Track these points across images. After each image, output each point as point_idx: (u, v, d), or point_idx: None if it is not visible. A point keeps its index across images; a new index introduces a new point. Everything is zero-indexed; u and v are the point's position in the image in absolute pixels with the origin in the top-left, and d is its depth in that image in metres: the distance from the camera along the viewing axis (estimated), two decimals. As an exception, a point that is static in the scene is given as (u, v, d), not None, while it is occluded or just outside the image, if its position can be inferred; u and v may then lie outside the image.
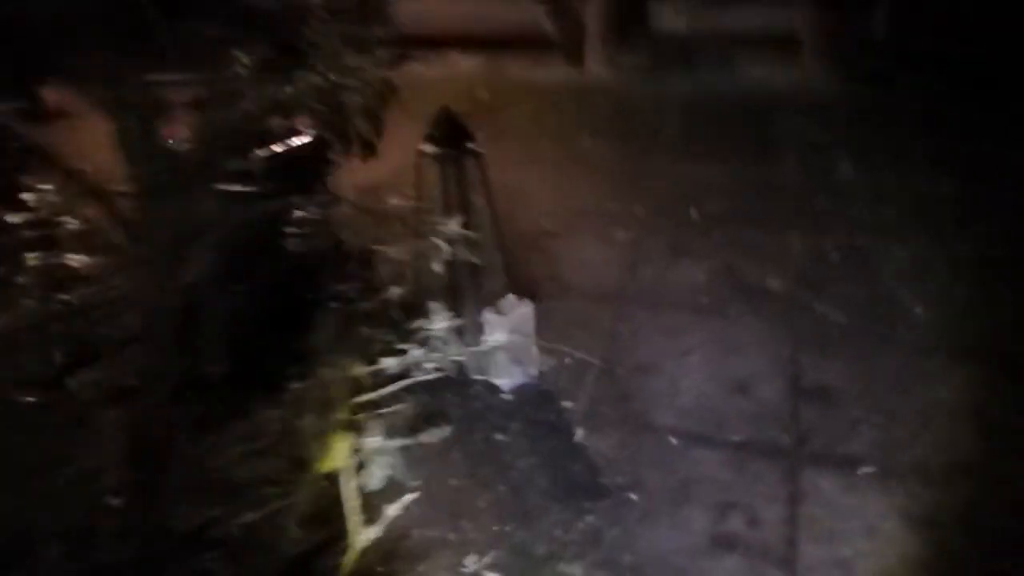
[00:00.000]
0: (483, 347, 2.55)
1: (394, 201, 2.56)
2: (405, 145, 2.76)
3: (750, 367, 2.69)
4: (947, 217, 3.41)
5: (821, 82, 5.04)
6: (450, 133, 2.44)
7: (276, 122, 3.36)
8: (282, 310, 2.33)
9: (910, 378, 2.59)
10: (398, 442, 2.35)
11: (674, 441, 2.41)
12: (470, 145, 2.50)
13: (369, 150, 3.34)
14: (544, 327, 2.89)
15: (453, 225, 2.15)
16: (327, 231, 2.88)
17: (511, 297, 2.59)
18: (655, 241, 3.43)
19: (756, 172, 3.99)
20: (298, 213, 2.85)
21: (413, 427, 2.46)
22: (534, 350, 2.66)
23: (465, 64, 6.01)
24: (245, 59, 2.33)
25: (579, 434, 2.46)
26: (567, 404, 2.57)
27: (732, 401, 2.55)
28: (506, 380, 2.61)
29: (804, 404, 2.52)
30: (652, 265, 3.27)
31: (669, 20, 5.79)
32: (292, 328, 2.40)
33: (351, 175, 2.88)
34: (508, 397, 2.61)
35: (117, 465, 1.83)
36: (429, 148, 2.45)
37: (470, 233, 2.18)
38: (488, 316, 2.55)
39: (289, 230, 2.78)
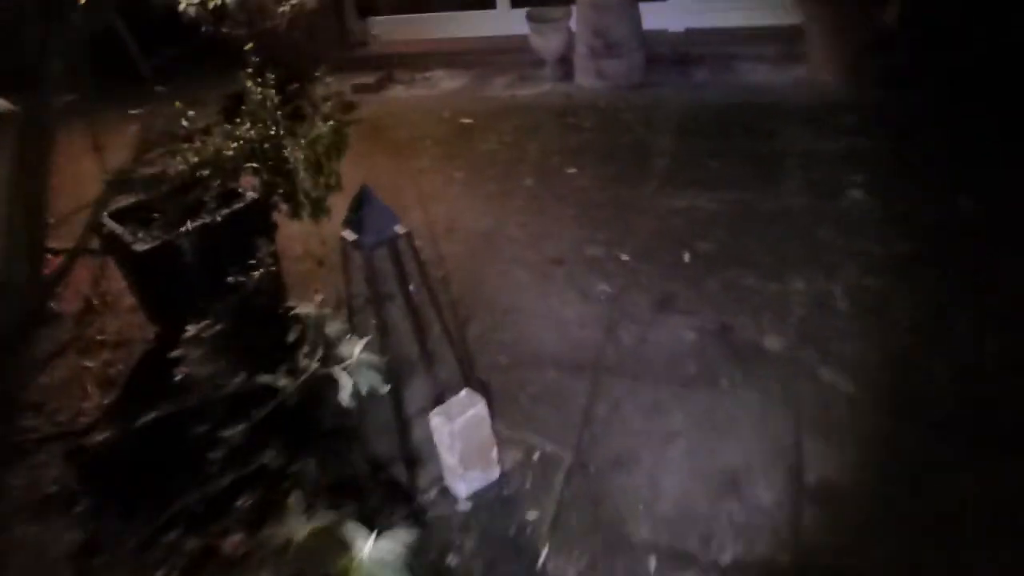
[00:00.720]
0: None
1: (312, 302, 2.19)
2: (379, 182, 2.44)
3: (743, 456, 2.32)
4: (969, 250, 2.99)
5: (826, 86, 4.61)
6: (371, 215, 2.09)
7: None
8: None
9: (932, 469, 2.20)
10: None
11: (652, 563, 2.05)
12: (397, 229, 2.15)
13: (316, 210, 3.03)
14: (509, 409, 2.56)
15: (358, 348, 1.80)
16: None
17: (463, 394, 2.25)
18: (640, 294, 3.06)
19: (755, 197, 3.59)
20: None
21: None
22: (493, 451, 2.31)
23: (447, 84, 5.66)
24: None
25: (543, 555, 2.11)
26: (531, 515, 2.23)
27: (721, 505, 2.19)
28: (461, 485, 2.28)
29: (807, 507, 2.15)
30: (635, 324, 2.90)
31: (663, 20, 5.39)
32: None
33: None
34: (464, 507, 2.27)
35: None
36: (349, 234, 2.11)
37: (375, 359, 1.82)
38: (436, 421, 2.21)
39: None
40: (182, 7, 5.03)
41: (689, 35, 5.39)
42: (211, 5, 5.02)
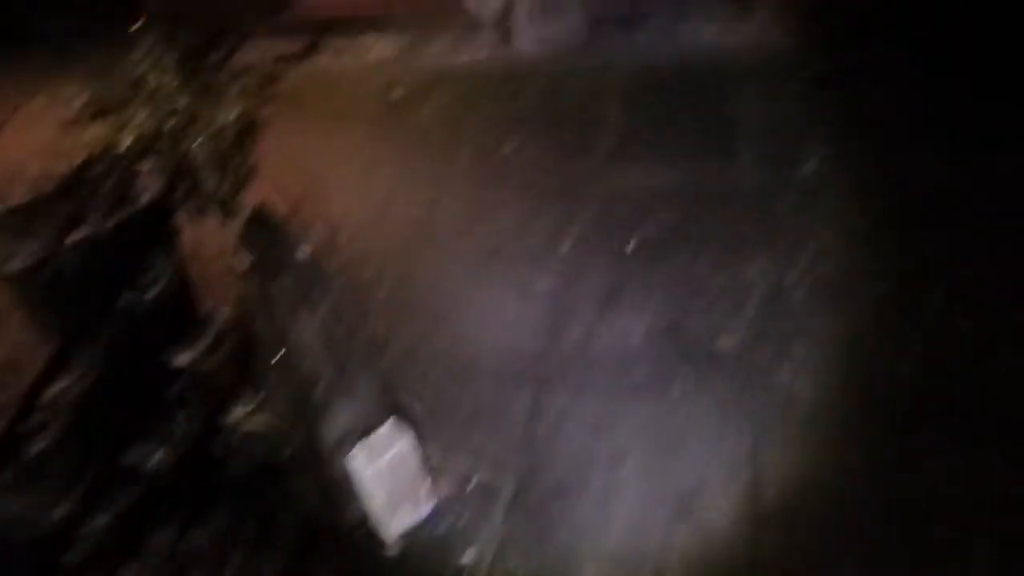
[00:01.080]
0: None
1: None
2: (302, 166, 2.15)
3: (697, 474, 2.14)
4: (941, 229, 2.81)
5: (783, 42, 4.36)
6: (271, 239, 1.81)
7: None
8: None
9: (900, 472, 2.04)
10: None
11: (600, 610, 1.87)
12: (299, 255, 1.87)
13: (224, 210, 2.72)
14: (443, 431, 2.33)
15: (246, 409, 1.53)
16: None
17: (387, 427, 2.01)
18: (584, 288, 2.82)
19: (707, 173, 3.36)
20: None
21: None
22: (424, 486, 2.09)
23: (380, 51, 5.27)
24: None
25: (481, 604, 1.91)
26: (468, 556, 2.02)
27: (675, 534, 2.00)
28: (389, 527, 2.05)
29: (766, 529, 1.97)
30: (578, 324, 2.67)
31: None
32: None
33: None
34: (392, 551, 2.05)
35: None
36: (242, 261, 1.82)
37: (265, 419, 1.56)
38: (357, 461, 1.97)
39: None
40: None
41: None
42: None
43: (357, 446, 1.98)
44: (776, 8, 4.41)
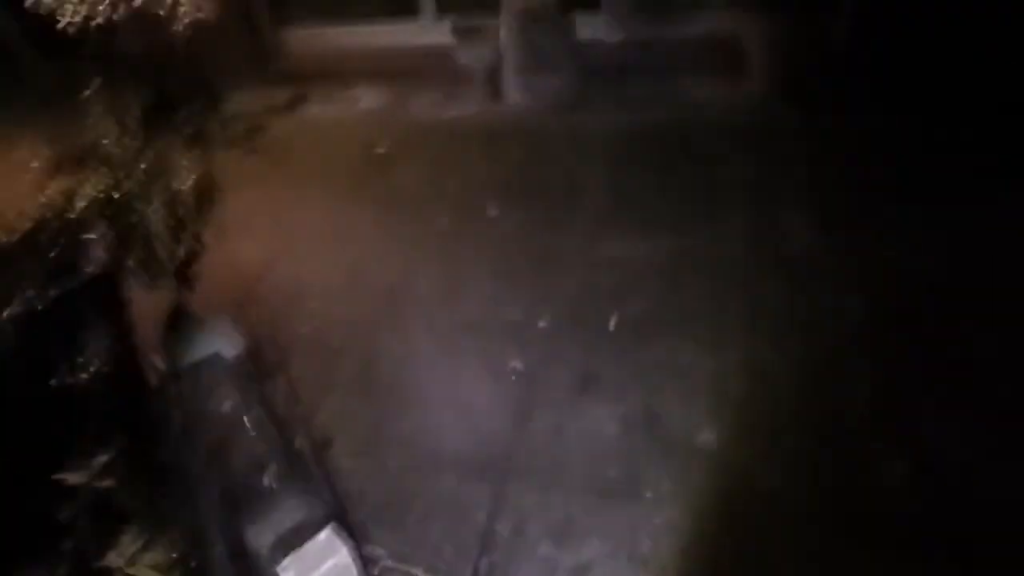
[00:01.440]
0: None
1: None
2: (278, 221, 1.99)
3: (669, 593, 1.94)
4: (931, 311, 2.65)
5: (771, 107, 4.25)
6: (188, 335, 1.65)
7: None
8: None
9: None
10: None
11: None
12: (227, 350, 1.71)
13: (183, 282, 2.56)
14: (394, 531, 2.14)
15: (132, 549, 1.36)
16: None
17: (323, 537, 1.82)
18: (559, 371, 2.65)
19: (693, 244, 3.21)
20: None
21: None
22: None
23: (368, 102, 5.19)
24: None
25: None
26: None
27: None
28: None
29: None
30: (550, 412, 2.50)
31: (599, 31, 4.96)
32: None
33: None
34: None
35: None
36: (159, 361, 1.66)
37: (159, 558, 1.38)
38: (288, 574, 1.78)
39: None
40: (60, 26, 4.49)
41: (625, 46, 4.97)
42: (93, 24, 4.49)
43: (288, 558, 1.79)
44: (764, 68, 4.32)
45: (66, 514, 1.33)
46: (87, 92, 2.40)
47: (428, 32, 5.21)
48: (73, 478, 1.37)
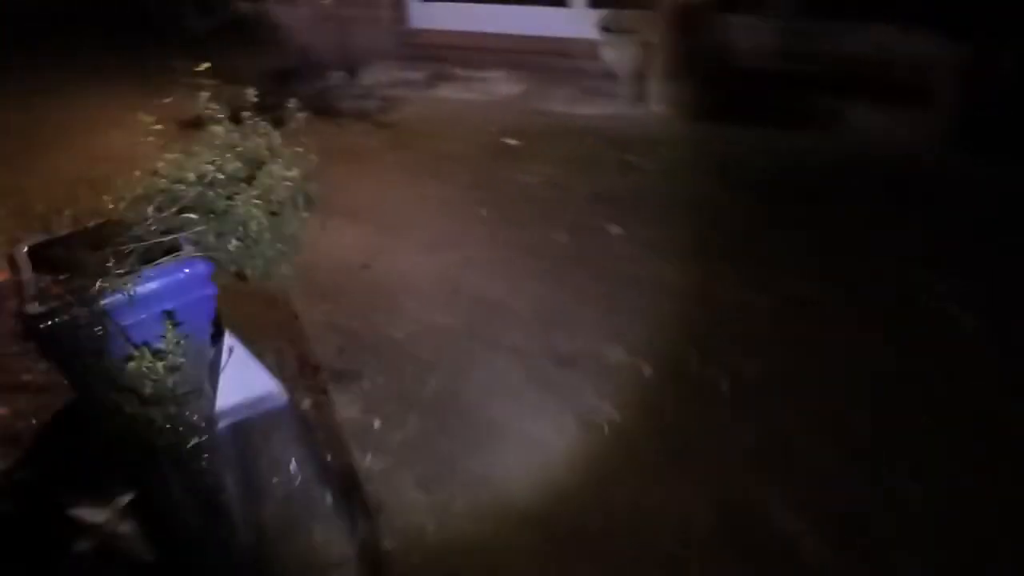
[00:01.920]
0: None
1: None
2: (389, 210, 1.88)
3: None
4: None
5: (954, 150, 3.72)
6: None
7: None
8: None
9: None
10: None
11: None
12: (270, 396, 1.56)
13: (265, 274, 2.47)
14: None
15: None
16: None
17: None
18: (654, 432, 2.38)
19: (830, 296, 2.84)
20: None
21: None
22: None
23: (503, 89, 4.99)
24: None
25: None
26: None
27: None
28: None
29: None
30: (634, 480, 2.24)
31: (758, 37, 4.50)
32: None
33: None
34: None
35: None
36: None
37: None
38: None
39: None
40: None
41: (786, 56, 4.50)
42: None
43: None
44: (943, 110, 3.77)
45: (73, 552, 1.23)
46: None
47: (575, 23, 4.93)
48: (88, 515, 1.27)
